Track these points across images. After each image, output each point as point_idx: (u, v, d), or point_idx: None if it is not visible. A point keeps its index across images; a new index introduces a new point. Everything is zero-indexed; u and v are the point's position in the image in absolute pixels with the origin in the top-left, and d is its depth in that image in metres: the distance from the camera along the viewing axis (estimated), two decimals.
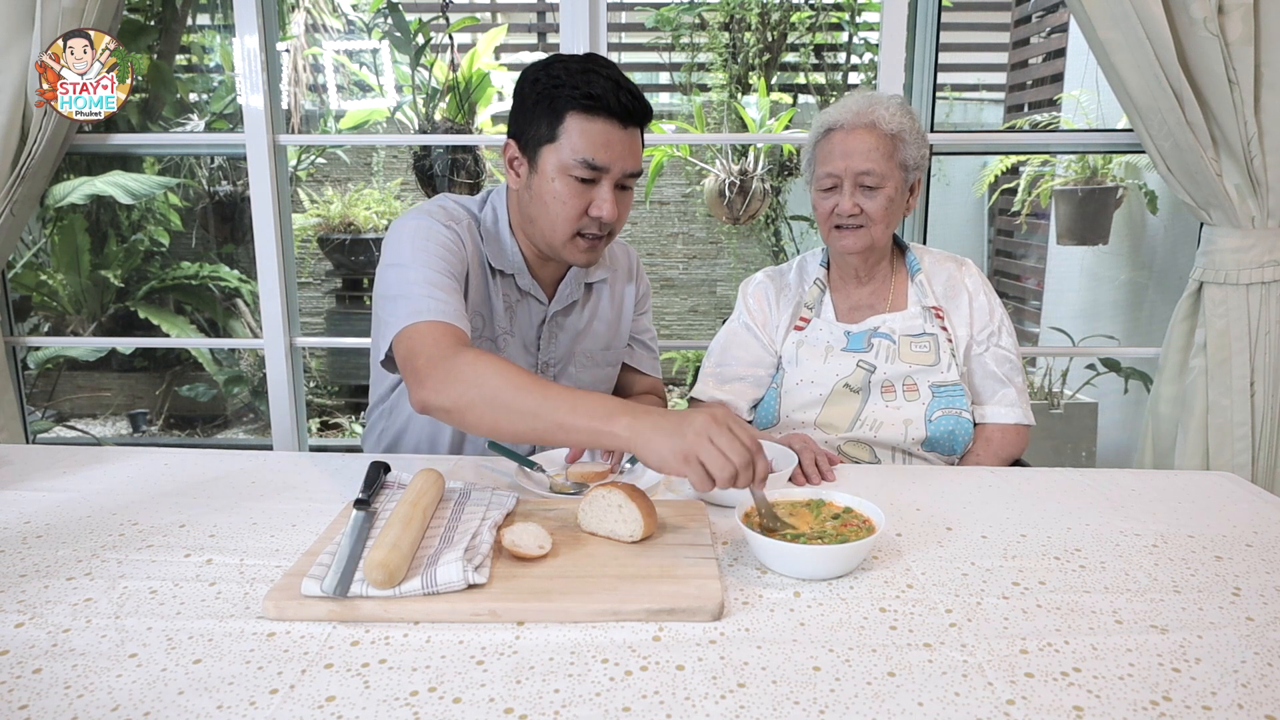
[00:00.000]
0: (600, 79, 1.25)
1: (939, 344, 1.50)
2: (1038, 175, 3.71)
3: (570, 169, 1.27)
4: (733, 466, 0.93)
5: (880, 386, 1.49)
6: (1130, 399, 3.30)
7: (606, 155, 1.26)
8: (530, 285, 1.42)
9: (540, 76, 1.28)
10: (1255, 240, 1.90)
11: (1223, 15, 1.78)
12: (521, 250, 1.41)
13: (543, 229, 1.33)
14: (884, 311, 1.54)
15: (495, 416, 1.08)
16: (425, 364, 1.14)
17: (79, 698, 0.72)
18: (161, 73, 4.09)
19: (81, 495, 1.20)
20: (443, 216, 1.34)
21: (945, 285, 1.55)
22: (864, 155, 1.43)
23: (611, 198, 1.29)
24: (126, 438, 4.51)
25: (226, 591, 0.92)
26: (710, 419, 0.95)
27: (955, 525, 1.12)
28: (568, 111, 1.25)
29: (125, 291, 4.34)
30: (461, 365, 1.11)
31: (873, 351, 1.50)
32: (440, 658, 0.79)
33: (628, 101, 1.26)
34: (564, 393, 1.06)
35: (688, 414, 0.97)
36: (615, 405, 1.02)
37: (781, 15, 4.06)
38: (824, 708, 0.72)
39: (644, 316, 1.62)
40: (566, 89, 1.25)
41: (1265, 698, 0.73)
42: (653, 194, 4.88)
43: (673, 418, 0.97)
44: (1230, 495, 1.24)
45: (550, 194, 1.29)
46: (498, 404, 1.07)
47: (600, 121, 1.25)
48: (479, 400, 1.08)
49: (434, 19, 3.98)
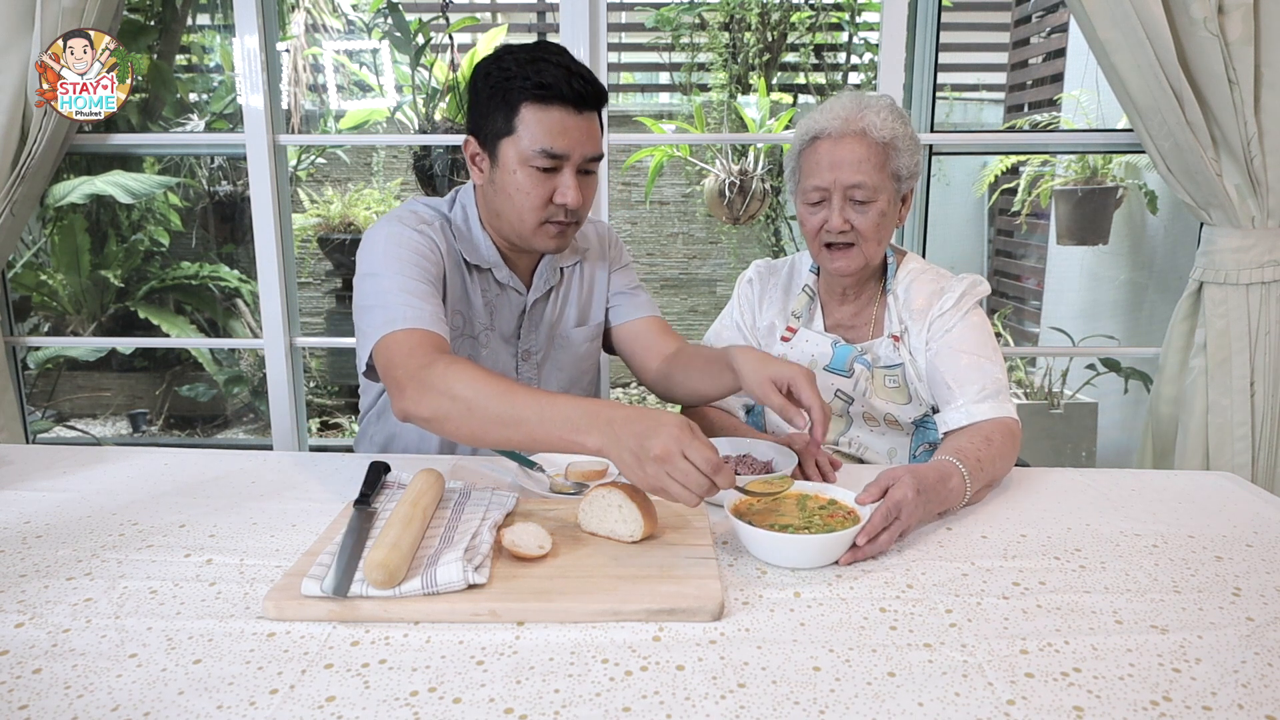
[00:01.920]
0: (551, 67, 1.25)
1: (906, 375, 1.41)
2: (1038, 175, 3.71)
3: (530, 159, 1.27)
4: (694, 495, 0.95)
5: (862, 415, 1.45)
6: (1130, 399, 3.30)
7: (564, 142, 1.27)
8: (508, 277, 1.43)
9: (492, 70, 1.28)
10: (1255, 240, 1.90)
11: (1223, 15, 1.78)
12: (495, 243, 1.41)
13: (510, 221, 1.33)
14: (865, 338, 1.46)
15: (472, 426, 1.09)
16: (403, 375, 1.15)
17: (79, 698, 0.72)
18: (161, 73, 4.08)
19: (81, 495, 1.20)
20: (413, 221, 1.35)
21: (918, 305, 1.42)
22: (854, 167, 1.33)
23: (575, 184, 1.29)
24: (126, 438, 4.50)
25: (226, 591, 0.92)
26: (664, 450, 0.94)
27: (955, 525, 1.12)
28: (521, 103, 1.26)
29: (125, 291, 4.34)
30: (437, 376, 1.12)
31: (853, 379, 1.43)
32: (440, 658, 0.79)
33: (580, 87, 1.26)
34: (535, 402, 1.05)
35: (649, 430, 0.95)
36: (584, 416, 1.01)
37: (781, 15, 4.06)
38: (824, 708, 0.72)
39: (620, 272, 1.57)
40: (518, 80, 1.25)
41: (1265, 698, 0.73)
42: (653, 194, 4.88)
43: (635, 433, 0.96)
44: (1230, 495, 1.24)
45: (513, 186, 1.29)
46: (474, 414, 1.08)
47: (555, 110, 1.26)
48: (455, 411, 1.09)
49: (434, 19, 3.98)
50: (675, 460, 0.94)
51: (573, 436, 1.01)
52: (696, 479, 0.94)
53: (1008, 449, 1.27)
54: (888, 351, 1.43)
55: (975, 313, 1.41)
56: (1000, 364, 1.37)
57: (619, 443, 0.97)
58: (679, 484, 0.94)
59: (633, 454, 0.96)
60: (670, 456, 0.94)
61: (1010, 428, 1.30)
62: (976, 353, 1.36)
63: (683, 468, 0.94)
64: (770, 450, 1.28)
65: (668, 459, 0.94)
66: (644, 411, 0.99)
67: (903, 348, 1.42)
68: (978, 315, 1.41)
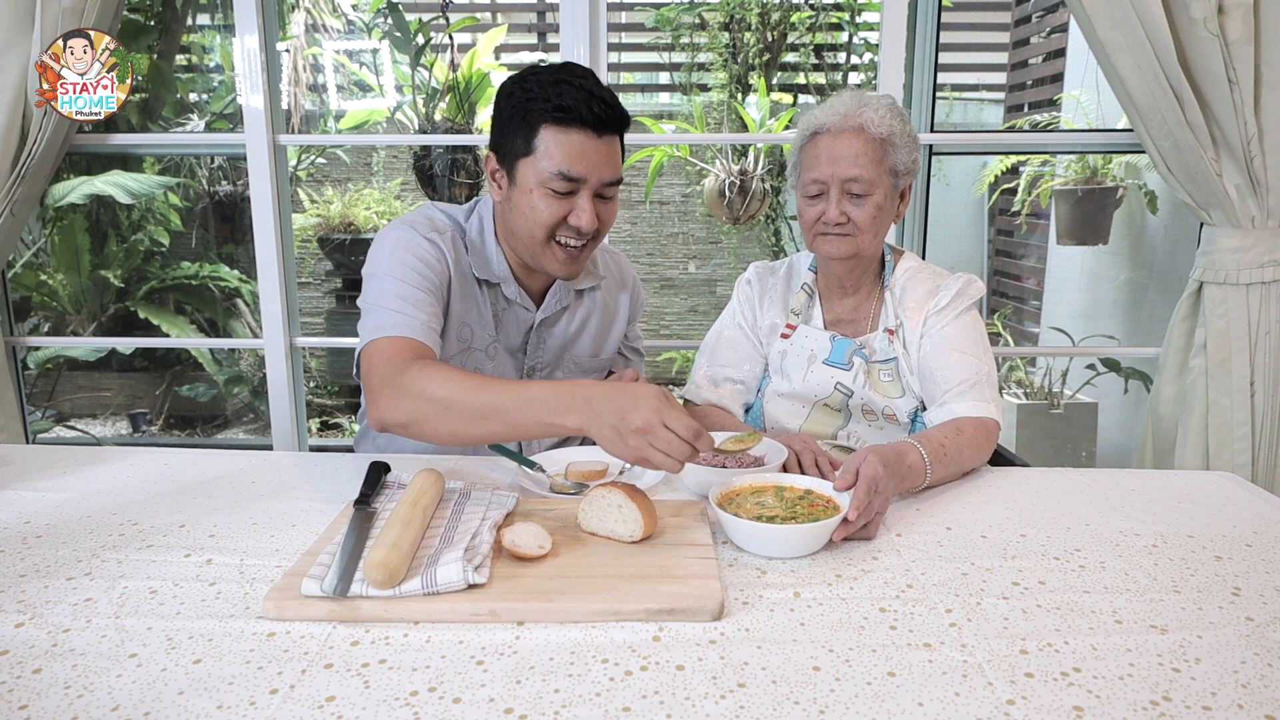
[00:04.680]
0: (573, 90, 1.24)
1: (900, 369, 1.44)
2: (1037, 175, 3.71)
3: (547, 181, 1.27)
4: (677, 462, 0.99)
5: (861, 409, 1.47)
6: (1130, 399, 3.30)
7: (582, 166, 1.26)
8: (516, 294, 1.42)
9: (515, 90, 1.28)
10: (1255, 240, 1.90)
11: (1223, 15, 1.78)
12: (507, 260, 1.41)
13: (523, 239, 1.33)
14: (864, 331, 1.49)
15: (451, 425, 1.10)
16: (378, 382, 1.16)
17: (79, 698, 0.72)
18: (161, 73, 4.09)
19: (81, 495, 1.20)
20: (425, 228, 1.35)
21: (914, 302, 1.45)
22: (851, 161, 1.37)
23: (590, 207, 1.29)
24: (126, 438, 4.51)
25: (226, 591, 0.92)
26: (645, 422, 0.97)
27: (955, 525, 1.12)
28: (541, 125, 1.25)
29: (125, 291, 4.34)
30: (410, 380, 1.13)
31: (851, 372, 1.45)
32: (440, 658, 0.79)
33: (601, 111, 1.25)
34: (510, 390, 1.08)
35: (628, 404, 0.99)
36: (561, 398, 1.04)
37: (781, 15, 4.06)
38: (824, 708, 0.72)
39: (634, 324, 1.63)
40: (539, 102, 1.24)
41: (1265, 698, 0.73)
42: (653, 194, 4.88)
43: (614, 408, 0.99)
44: (1230, 495, 1.24)
45: (528, 206, 1.29)
46: (451, 412, 1.09)
47: (574, 133, 1.25)
48: (433, 412, 1.11)
49: (434, 19, 3.98)
50: (657, 430, 0.97)
51: (551, 419, 1.04)
52: (679, 446, 0.98)
53: (979, 441, 1.32)
54: (883, 345, 1.46)
55: (970, 313, 1.44)
56: (990, 364, 1.40)
57: (599, 419, 1.00)
58: (662, 453, 0.98)
59: (613, 428, 0.99)
60: (652, 427, 0.97)
61: (986, 425, 1.35)
62: (967, 351, 1.40)
63: (665, 436, 0.97)
64: (763, 445, 1.29)
65: (650, 429, 0.97)
66: (619, 387, 1.03)
67: (897, 342, 1.45)
68: (972, 316, 1.44)
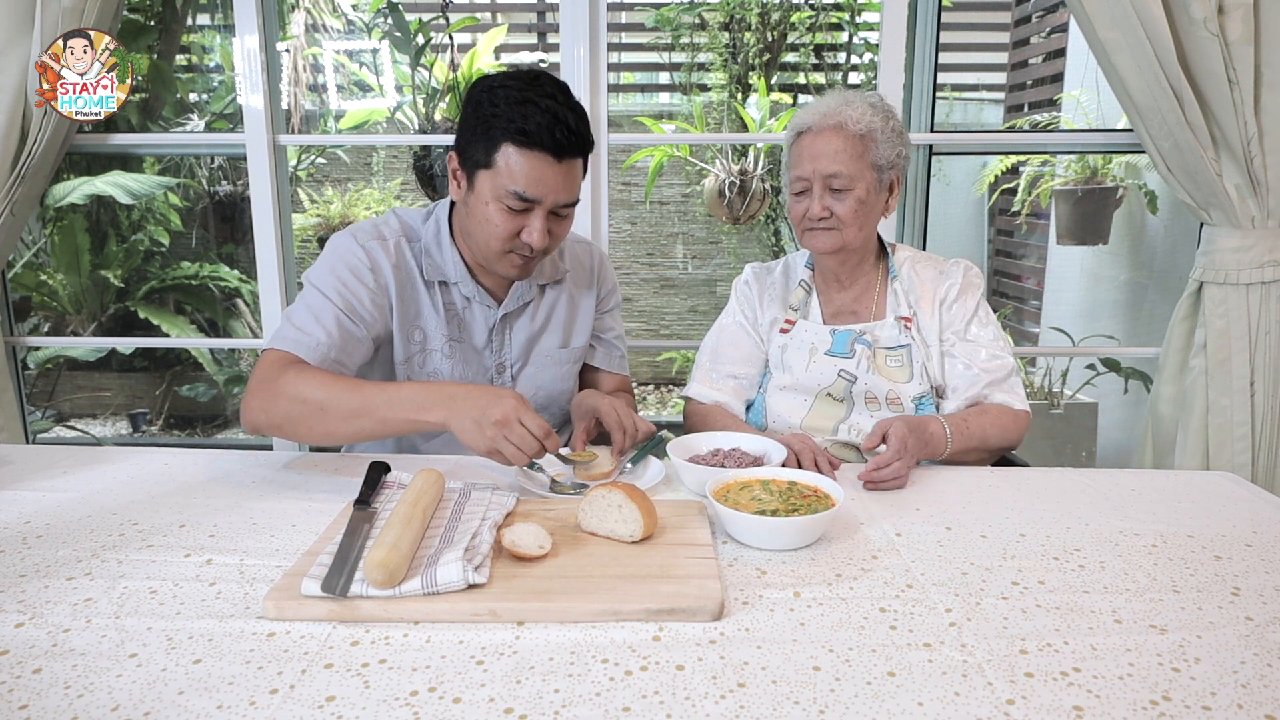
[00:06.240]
0: (538, 112, 1.23)
1: (911, 355, 1.47)
2: (1037, 175, 3.71)
3: (503, 198, 1.27)
4: (525, 456, 1.12)
5: (864, 397, 1.48)
6: (1130, 399, 3.30)
7: (538, 189, 1.26)
8: (474, 292, 1.43)
9: (482, 100, 1.27)
10: (1255, 240, 1.90)
11: (1223, 15, 1.78)
12: (464, 258, 1.42)
13: (478, 244, 1.35)
14: (867, 320, 1.53)
15: (326, 424, 1.19)
16: (254, 385, 1.24)
17: (79, 698, 0.72)
18: (161, 73, 4.09)
19: (81, 495, 1.20)
20: (366, 235, 1.38)
21: (924, 290, 1.51)
22: (831, 157, 1.41)
23: (542, 226, 1.29)
24: (126, 438, 4.51)
25: (226, 591, 0.92)
26: (503, 416, 1.11)
27: (955, 525, 1.12)
28: (503, 142, 1.25)
29: (125, 291, 4.34)
30: (284, 384, 1.21)
31: (854, 359, 1.48)
32: (440, 658, 0.79)
33: (562, 138, 1.24)
34: (381, 391, 1.19)
35: (491, 401, 1.12)
36: (428, 396, 1.16)
37: (781, 15, 4.06)
38: (824, 708, 0.72)
39: (608, 315, 1.62)
40: (503, 120, 1.24)
41: (1265, 698, 0.73)
42: (653, 194, 4.88)
43: (477, 404, 1.12)
44: (1230, 495, 1.24)
45: (483, 216, 1.30)
46: (326, 412, 1.18)
47: (534, 156, 1.25)
48: (306, 412, 1.19)
49: (434, 19, 3.98)
50: (513, 425, 1.11)
51: (417, 415, 1.16)
52: (530, 441, 1.12)
53: (1005, 422, 1.42)
54: (892, 333, 1.49)
55: (983, 306, 1.52)
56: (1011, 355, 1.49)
57: (461, 414, 1.13)
58: (514, 445, 1.11)
59: (474, 421, 1.12)
60: (508, 422, 1.11)
61: (1014, 411, 1.44)
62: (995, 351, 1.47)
63: (518, 432, 1.11)
64: (762, 444, 1.30)
65: (506, 424, 1.11)
66: (484, 388, 1.17)
67: (913, 329, 1.49)
68: (987, 310, 1.52)
